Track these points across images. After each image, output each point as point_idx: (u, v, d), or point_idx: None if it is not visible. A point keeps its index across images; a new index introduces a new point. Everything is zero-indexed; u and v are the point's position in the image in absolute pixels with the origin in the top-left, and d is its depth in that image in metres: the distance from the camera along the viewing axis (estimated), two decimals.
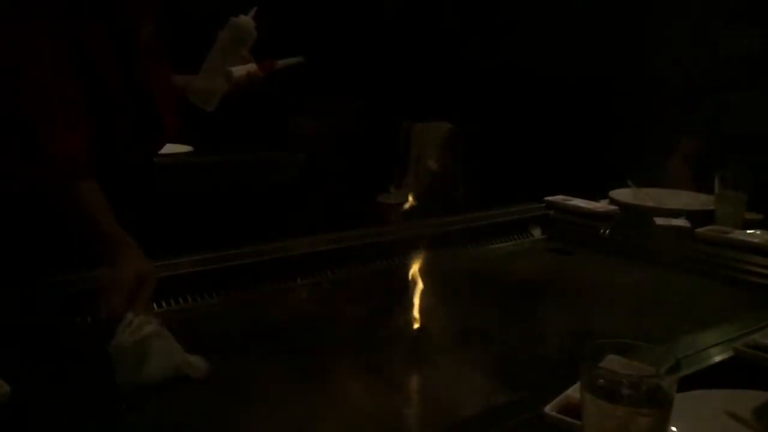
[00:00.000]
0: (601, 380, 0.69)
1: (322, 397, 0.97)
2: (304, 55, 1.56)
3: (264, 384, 1.01)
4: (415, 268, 1.56)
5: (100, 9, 1.22)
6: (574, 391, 0.81)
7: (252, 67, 1.48)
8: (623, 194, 1.98)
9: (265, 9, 1.42)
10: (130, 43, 1.28)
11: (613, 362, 0.72)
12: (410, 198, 3.57)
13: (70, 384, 0.97)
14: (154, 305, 1.17)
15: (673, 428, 0.77)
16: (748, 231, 1.65)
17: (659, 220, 1.78)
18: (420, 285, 1.47)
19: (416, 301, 1.36)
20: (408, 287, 1.45)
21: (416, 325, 1.23)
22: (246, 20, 1.39)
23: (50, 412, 0.90)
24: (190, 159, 2.77)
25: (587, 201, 1.92)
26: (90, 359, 1.04)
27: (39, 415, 0.90)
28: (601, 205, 1.91)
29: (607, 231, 1.78)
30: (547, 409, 0.81)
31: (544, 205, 1.92)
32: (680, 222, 1.77)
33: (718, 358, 1.00)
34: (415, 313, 1.29)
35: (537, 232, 1.84)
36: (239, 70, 1.44)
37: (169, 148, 1.49)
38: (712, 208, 1.77)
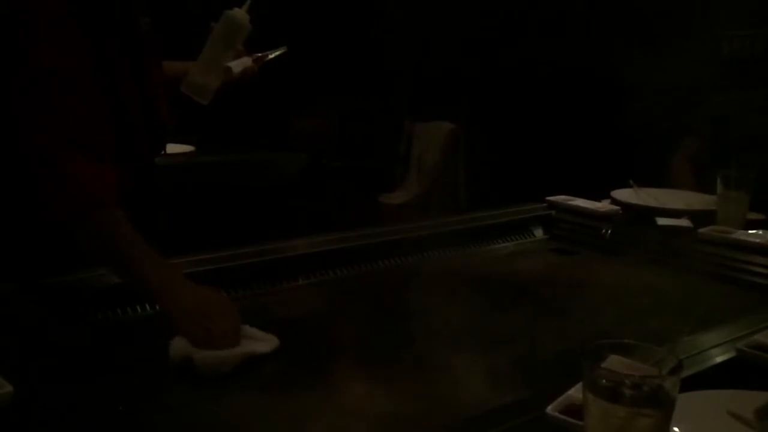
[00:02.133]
0: (603, 381, 0.69)
1: (322, 396, 0.97)
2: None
3: (265, 383, 1.01)
4: (416, 268, 1.56)
5: (107, 14, 1.21)
6: (575, 392, 0.81)
7: (248, 61, 1.48)
8: (625, 194, 1.98)
9: (266, 7, 1.42)
10: (135, 44, 1.27)
11: (615, 363, 0.72)
12: (411, 197, 3.58)
13: (73, 384, 0.97)
14: None
15: (675, 429, 0.77)
16: (751, 231, 1.65)
17: (661, 221, 1.78)
18: (421, 285, 1.47)
19: (417, 301, 1.36)
20: (409, 287, 1.45)
21: (417, 325, 1.23)
22: (240, 13, 1.39)
23: (53, 413, 0.90)
24: (192, 159, 2.77)
25: (589, 201, 1.91)
26: (93, 358, 1.05)
27: (42, 415, 0.90)
28: (602, 205, 1.90)
29: (609, 231, 1.77)
30: (549, 409, 0.81)
31: (545, 205, 1.92)
32: (682, 222, 1.76)
33: (720, 359, 1.00)
34: (416, 313, 1.29)
35: (539, 232, 1.84)
36: (238, 66, 1.45)
37: (171, 149, 1.49)
38: (714, 208, 1.77)
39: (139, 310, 1.21)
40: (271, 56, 1.54)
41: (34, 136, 1.08)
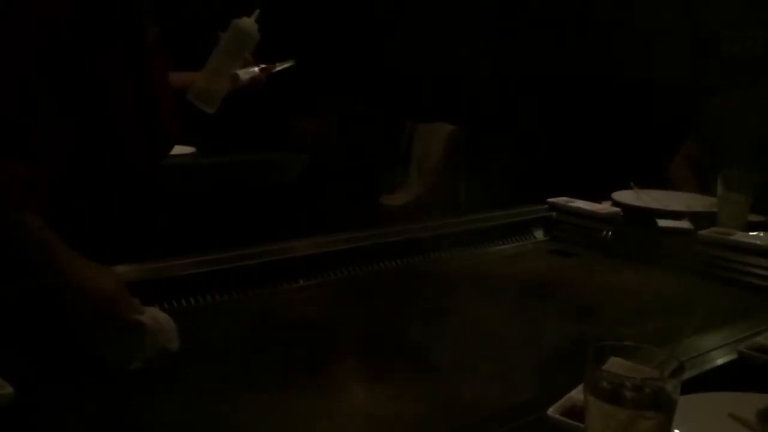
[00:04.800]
0: (605, 383, 0.69)
1: (323, 398, 0.97)
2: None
3: (266, 385, 1.01)
4: (416, 270, 1.56)
5: (113, 25, 1.21)
6: (577, 394, 0.81)
7: (256, 71, 1.48)
8: (626, 196, 1.98)
9: (266, 9, 1.42)
10: (138, 53, 1.27)
11: (616, 365, 0.72)
12: (412, 199, 3.57)
13: (74, 385, 0.97)
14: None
15: (677, 431, 0.77)
16: (751, 233, 1.65)
17: (662, 222, 1.78)
18: (422, 286, 1.47)
19: (418, 302, 1.36)
20: (410, 289, 1.45)
21: (417, 327, 1.22)
22: (249, 22, 1.39)
23: (54, 414, 0.90)
24: (193, 160, 2.77)
25: (590, 203, 1.91)
26: (94, 360, 1.04)
27: (43, 416, 0.90)
28: (603, 207, 1.90)
29: (610, 233, 1.77)
30: (550, 411, 0.81)
31: (546, 206, 1.92)
32: (683, 224, 1.76)
33: (721, 361, 1.00)
34: (417, 314, 1.29)
35: (539, 234, 1.84)
36: (246, 74, 1.45)
37: (172, 150, 1.49)
38: (715, 210, 1.77)
39: None
40: (279, 68, 1.54)
41: None
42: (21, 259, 1.10)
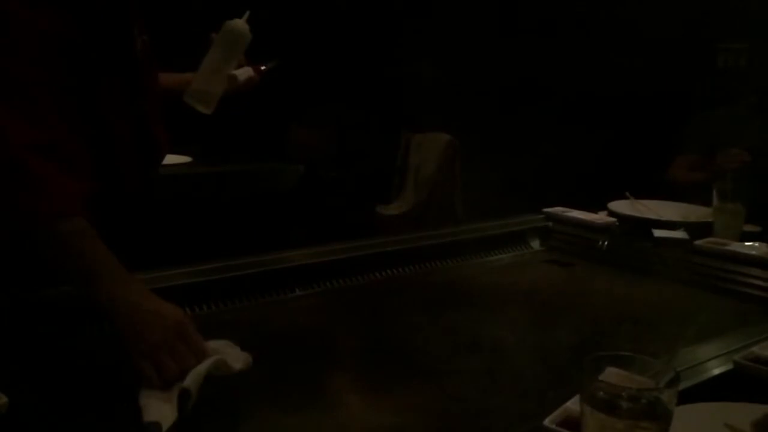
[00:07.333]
0: (601, 393, 0.70)
1: (320, 409, 0.97)
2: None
3: (262, 396, 1.00)
4: (412, 280, 1.56)
5: (102, 37, 1.21)
6: (573, 404, 0.81)
7: (250, 71, 1.50)
8: (621, 206, 1.98)
9: (266, 20, 1.43)
10: (130, 64, 1.28)
11: (612, 375, 0.72)
12: (408, 208, 3.57)
13: (69, 395, 0.97)
14: None
15: None
16: (747, 243, 1.65)
17: (657, 232, 1.79)
18: (419, 296, 1.47)
19: (414, 312, 1.36)
20: (406, 298, 1.45)
21: (414, 337, 1.23)
22: (241, 23, 1.42)
23: (49, 424, 0.90)
24: (189, 170, 2.78)
25: (586, 213, 1.92)
26: (90, 369, 1.04)
27: (37, 426, 0.89)
28: (599, 217, 1.91)
29: (606, 243, 1.78)
30: (547, 421, 0.81)
31: (542, 216, 1.92)
32: (678, 234, 1.77)
33: (717, 371, 1.00)
34: (413, 324, 1.29)
35: (535, 244, 1.84)
36: (242, 74, 1.47)
37: (168, 159, 1.49)
38: (710, 220, 1.77)
39: None
40: (266, 67, 1.57)
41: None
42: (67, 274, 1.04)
